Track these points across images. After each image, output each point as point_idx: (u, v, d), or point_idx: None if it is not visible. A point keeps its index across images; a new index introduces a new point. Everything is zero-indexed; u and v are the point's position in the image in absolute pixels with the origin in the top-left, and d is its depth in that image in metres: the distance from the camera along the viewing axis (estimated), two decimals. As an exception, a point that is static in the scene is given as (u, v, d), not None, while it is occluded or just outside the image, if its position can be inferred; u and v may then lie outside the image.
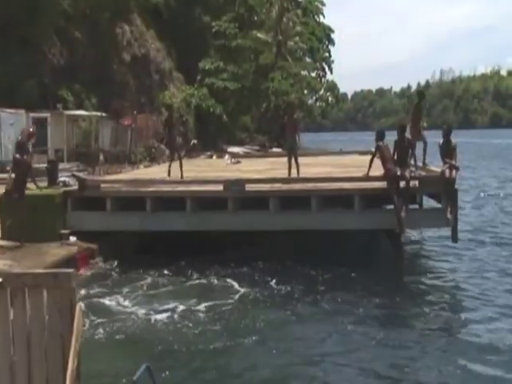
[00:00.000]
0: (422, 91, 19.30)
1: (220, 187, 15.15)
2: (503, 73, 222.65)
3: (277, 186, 15.44)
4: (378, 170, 14.70)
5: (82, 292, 11.58)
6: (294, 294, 12.05)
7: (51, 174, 16.61)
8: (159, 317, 10.67)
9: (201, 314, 10.80)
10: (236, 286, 12.61)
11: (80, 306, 5.13)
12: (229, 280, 13.02)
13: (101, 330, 9.88)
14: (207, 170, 20.67)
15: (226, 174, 17.94)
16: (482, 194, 28.98)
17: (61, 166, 18.86)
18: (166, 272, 13.67)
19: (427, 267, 14.67)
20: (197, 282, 13.01)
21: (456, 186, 14.82)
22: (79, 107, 27.37)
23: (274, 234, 14.77)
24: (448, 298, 11.81)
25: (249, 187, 15.13)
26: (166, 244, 15.11)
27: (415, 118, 16.59)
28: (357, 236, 15.50)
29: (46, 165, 18.07)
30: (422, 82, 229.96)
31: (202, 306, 11.23)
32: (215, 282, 12.99)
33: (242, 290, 12.24)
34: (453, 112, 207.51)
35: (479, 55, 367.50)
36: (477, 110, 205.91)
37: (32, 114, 23.75)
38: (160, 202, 15.16)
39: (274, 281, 12.84)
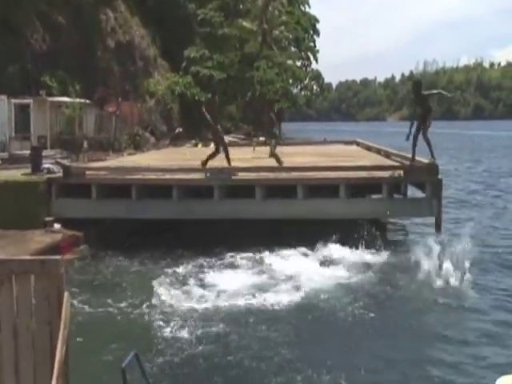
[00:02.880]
0: (418, 80, 18.37)
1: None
2: (486, 65, 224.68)
3: (263, 174, 15.44)
4: (365, 159, 14.75)
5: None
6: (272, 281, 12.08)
7: (35, 161, 16.46)
8: (143, 305, 10.62)
9: (185, 303, 10.76)
10: (222, 272, 12.61)
11: (68, 293, 5.06)
12: (213, 268, 13.02)
13: (86, 319, 9.83)
14: (193, 159, 20.50)
15: (212, 163, 17.86)
16: (466, 185, 29.19)
17: (44, 152, 18.66)
18: (150, 260, 13.63)
19: (411, 256, 14.66)
20: (181, 270, 12.95)
21: (440, 176, 14.96)
22: (63, 94, 27.04)
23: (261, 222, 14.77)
24: (428, 291, 11.66)
25: (235, 176, 15.13)
26: (151, 231, 15.09)
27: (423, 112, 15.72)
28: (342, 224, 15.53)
29: (29, 151, 17.91)
30: (406, 73, 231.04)
31: (186, 295, 11.20)
32: (199, 269, 12.96)
33: (228, 277, 12.23)
34: (436, 103, 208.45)
35: (462, 47, 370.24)
36: (460, 102, 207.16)
37: (14, 100, 23.45)
38: (146, 190, 15.10)
39: (264, 266, 12.89)
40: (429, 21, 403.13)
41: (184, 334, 9.23)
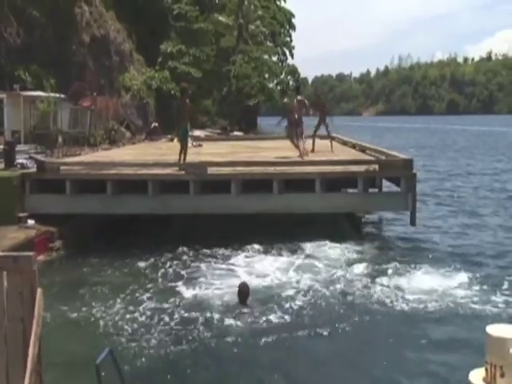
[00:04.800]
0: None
1: (182, 170, 15.09)
2: (460, 60, 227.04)
3: (238, 169, 15.45)
4: (341, 154, 14.79)
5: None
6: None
7: (8, 156, 16.25)
8: (118, 302, 10.56)
9: (161, 300, 10.72)
10: (199, 270, 12.59)
11: (41, 289, 5.03)
12: (189, 263, 13.00)
13: (60, 316, 9.75)
14: (169, 153, 20.43)
15: (188, 158, 17.79)
16: (440, 181, 29.51)
17: (18, 147, 18.42)
18: (125, 256, 13.53)
19: (386, 249, 14.77)
20: (157, 266, 12.91)
21: (414, 171, 15.11)
22: (37, 88, 26.72)
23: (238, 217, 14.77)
24: (399, 286, 11.65)
25: (210, 170, 15.12)
26: (126, 227, 15.01)
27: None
28: (318, 219, 15.61)
29: (2, 146, 17.67)
30: (382, 68, 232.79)
31: (162, 292, 11.18)
32: (177, 266, 12.93)
33: (207, 275, 12.23)
34: (411, 98, 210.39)
35: (437, 42, 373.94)
36: (434, 97, 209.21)
37: (-13, 95, 23.17)
38: (121, 185, 15.02)
39: (241, 264, 12.89)
40: (404, 16, 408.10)
41: (159, 331, 9.21)
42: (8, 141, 18.59)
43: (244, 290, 10.28)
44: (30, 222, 14.34)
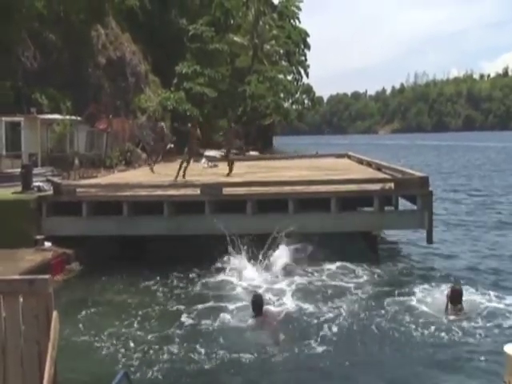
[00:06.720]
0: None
1: (197, 191, 15.14)
2: (476, 76, 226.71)
3: (254, 189, 15.45)
4: (357, 172, 14.76)
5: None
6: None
7: (25, 179, 16.41)
8: (133, 323, 10.56)
9: (175, 320, 10.69)
10: (214, 289, 12.57)
11: (56, 312, 5.05)
12: (206, 284, 12.99)
13: (75, 337, 9.76)
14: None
15: (203, 178, 17.90)
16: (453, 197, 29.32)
17: (35, 170, 18.61)
18: (141, 277, 13.54)
19: (403, 268, 14.65)
20: (171, 287, 12.91)
21: (431, 189, 15.03)
22: (54, 111, 27.02)
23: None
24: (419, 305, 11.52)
25: (226, 191, 15.14)
26: (142, 248, 15.05)
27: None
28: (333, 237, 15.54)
29: (20, 169, 17.85)
30: (397, 86, 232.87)
31: (177, 312, 11.17)
32: (190, 285, 12.93)
33: (221, 293, 12.20)
34: (427, 115, 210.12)
35: (452, 59, 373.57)
36: (450, 113, 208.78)
37: (5, 118, 23.41)
38: (137, 207, 15.08)
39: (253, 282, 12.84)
40: (418, 34, 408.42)
41: (174, 352, 9.17)
42: (25, 164, 18.77)
43: (258, 301, 10.23)
44: (47, 244, 14.44)
